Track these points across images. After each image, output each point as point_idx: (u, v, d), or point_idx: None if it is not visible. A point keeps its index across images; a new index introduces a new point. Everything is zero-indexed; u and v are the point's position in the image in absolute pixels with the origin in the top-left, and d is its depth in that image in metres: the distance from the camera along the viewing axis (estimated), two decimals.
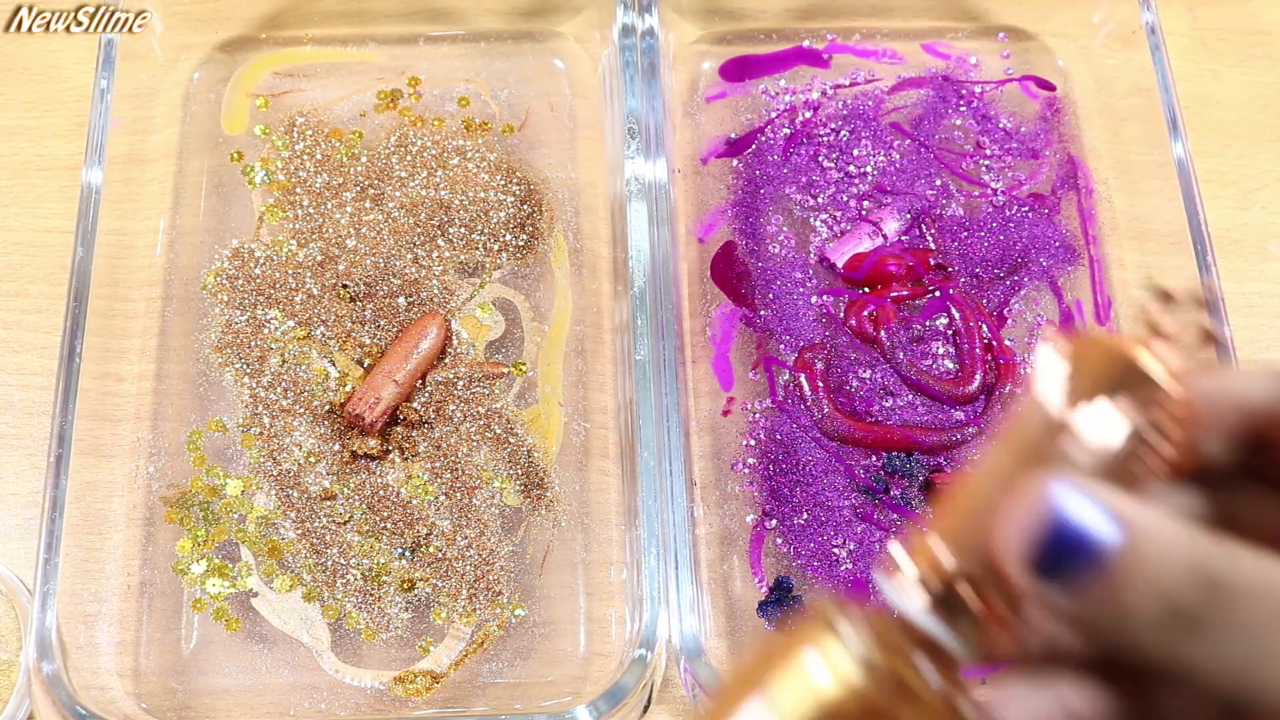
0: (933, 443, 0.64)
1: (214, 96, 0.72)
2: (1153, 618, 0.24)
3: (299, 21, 0.74)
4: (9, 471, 0.64)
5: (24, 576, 0.60)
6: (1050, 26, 0.76)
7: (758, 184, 0.71)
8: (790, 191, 0.71)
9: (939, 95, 0.74)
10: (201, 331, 0.66)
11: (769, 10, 0.76)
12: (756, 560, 0.62)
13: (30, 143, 0.71)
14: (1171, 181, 0.66)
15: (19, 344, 0.66)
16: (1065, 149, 0.73)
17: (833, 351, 0.66)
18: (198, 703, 0.59)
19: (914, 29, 0.76)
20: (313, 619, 0.60)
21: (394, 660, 0.60)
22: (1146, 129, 0.69)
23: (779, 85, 0.74)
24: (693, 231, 0.70)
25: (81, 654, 0.56)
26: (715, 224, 0.70)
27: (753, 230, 0.69)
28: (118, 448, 0.63)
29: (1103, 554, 0.24)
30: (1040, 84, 0.75)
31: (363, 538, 0.61)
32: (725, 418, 0.65)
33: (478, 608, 0.60)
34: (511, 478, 0.63)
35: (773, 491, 0.63)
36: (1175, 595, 0.24)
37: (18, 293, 0.67)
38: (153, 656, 0.59)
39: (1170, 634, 0.24)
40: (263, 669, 0.59)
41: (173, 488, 0.62)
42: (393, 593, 0.60)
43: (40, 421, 0.64)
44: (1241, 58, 0.77)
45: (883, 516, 0.63)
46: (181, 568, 0.61)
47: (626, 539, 0.60)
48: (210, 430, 0.64)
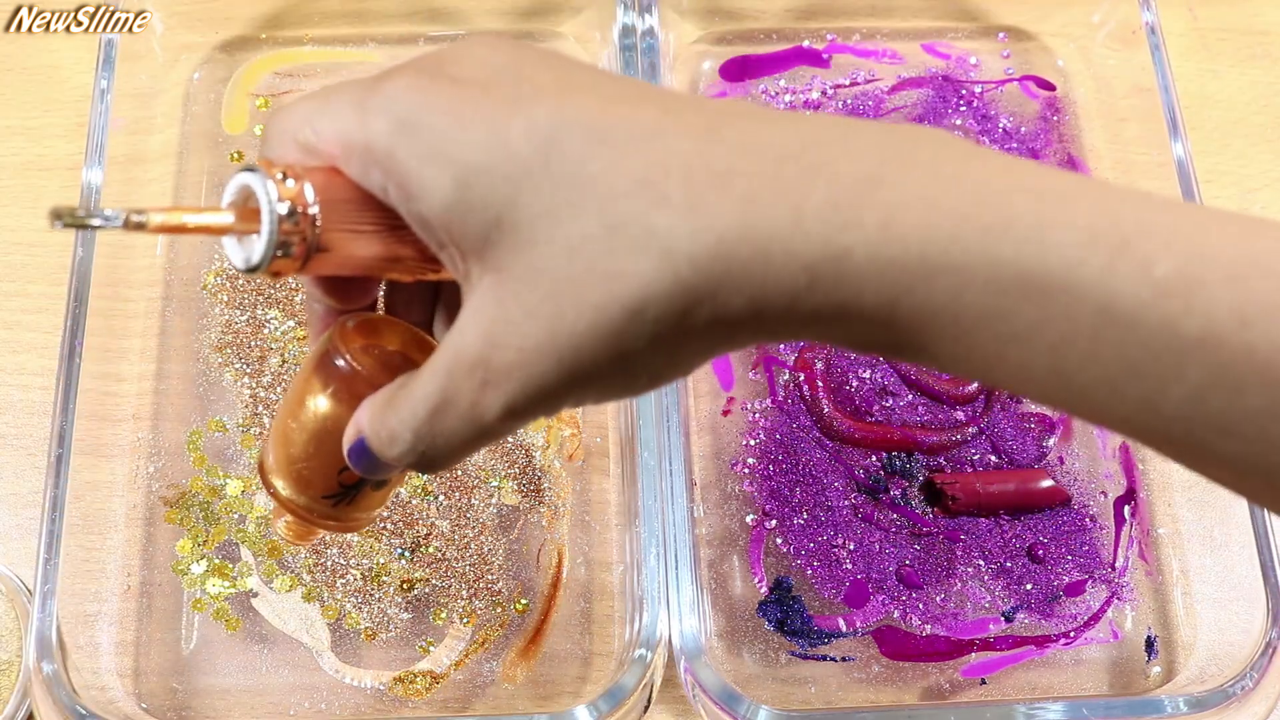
0: (933, 443, 0.64)
1: (214, 96, 0.72)
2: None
3: (299, 21, 0.74)
4: (9, 471, 0.64)
5: (24, 576, 0.60)
6: (1050, 26, 0.76)
7: None
8: None
9: (939, 95, 0.74)
10: (201, 331, 0.66)
11: (769, 10, 0.76)
12: (756, 560, 0.62)
13: (30, 143, 0.71)
14: (1171, 181, 0.66)
15: (19, 344, 0.66)
16: (1065, 149, 0.73)
17: (833, 351, 0.66)
18: (198, 703, 0.59)
19: (914, 29, 0.76)
20: (313, 619, 0.60)
21: (394, 660, 0.60)
22: (1146, 129, 0.69)
23: (779, 85, 0.74)
24: None
25: (81, 654, 0.56)
26: None
27: None
28: (118, 448, 0.63)
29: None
30: (1040, 84, 0.75)
31: (362, 538, 0.61)
32: (725, 418, 0.65)
33: (477, 607, 0.60)
34: (510, 477, 0.63)
35: (773, 491, 0.63)
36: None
37: (18, 293, 0.67)
38: (153, 656, 0.59)
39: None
40: (263, 669, 0.59)
41: (173, 488, 0.62)
42: (392, 593, 0.60)
43: (40, 421, 0.64)
44: (1241, 58, 0.77)
45: (883, 516, 0.63)
46: (181, 568, 0.61)
47: (626, 539, 0.60)
48: (210, 430, 0.64)
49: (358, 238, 0.32)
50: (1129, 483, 0.65)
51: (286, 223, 0.31)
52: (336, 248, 0.32)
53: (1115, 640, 0.61)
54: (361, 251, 0.33)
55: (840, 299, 0.29)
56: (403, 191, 0.30)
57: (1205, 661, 0.60)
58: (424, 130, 0.30)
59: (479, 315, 0.30)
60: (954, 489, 0.63)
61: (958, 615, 0.61)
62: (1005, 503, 0.63)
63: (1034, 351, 0.28)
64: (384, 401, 0.34)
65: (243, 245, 0.32)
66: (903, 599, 0.61)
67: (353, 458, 0.35)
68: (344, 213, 0.32)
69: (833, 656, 0.60)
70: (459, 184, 0.30)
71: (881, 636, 0.61)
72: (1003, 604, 0.61)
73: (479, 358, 0.30)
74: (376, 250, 0.33)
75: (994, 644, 0.61)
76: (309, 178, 0.31)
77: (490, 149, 0.29)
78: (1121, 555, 0.63)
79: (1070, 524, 0.63)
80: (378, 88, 0.31)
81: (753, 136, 0.29)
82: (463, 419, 0.32)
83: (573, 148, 0.29)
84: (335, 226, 0.32)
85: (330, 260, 0.32)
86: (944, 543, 0.62)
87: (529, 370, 0.30)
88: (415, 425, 0.33)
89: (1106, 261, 0.27)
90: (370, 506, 0.39)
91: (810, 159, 0.29)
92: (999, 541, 0.63)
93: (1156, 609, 0.62)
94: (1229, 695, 0.55)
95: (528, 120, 0.29)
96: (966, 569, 0.62)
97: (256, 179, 0.31)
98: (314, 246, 0.32)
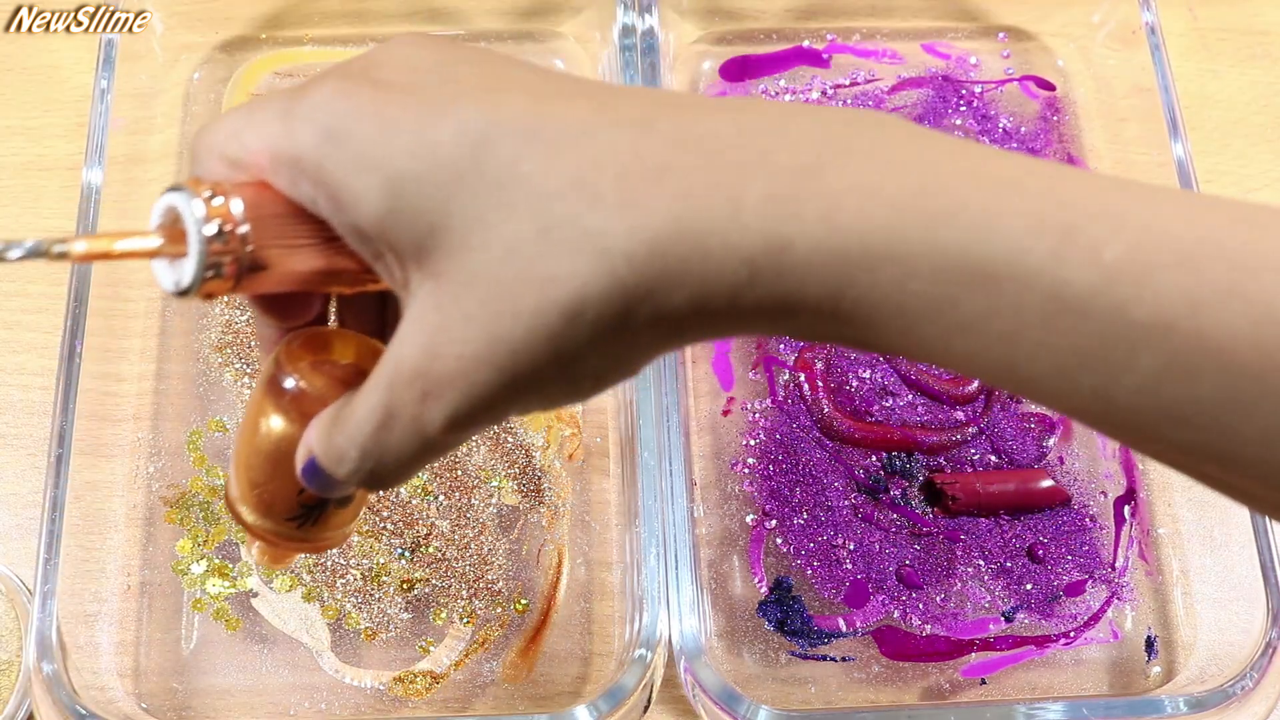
0: (933, 443, 0.64)
1: (214, 96, 0.72)
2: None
3: (299, 21, 0.74)
4: (9, 471, 0.64)
5: (24, 576, 0.60)
6: (1050, 26, 0.76)
7: None
8: None
9: (939, 95, 0.74)
10: (201, 331, 0.66)
11: (769, 10, 0.76)
12: (756, 560, 0.62)
13: (30, 143, 0.71)
14: (1171, 181, 0.66)
15: (19, 344, 0.66)
16: (1065, 149, 0.73)
17: (833, 351, 0.66)
18: (198, 703, 0.59)
19: (914, 29, 0.76)
20: (313, 619, 0.60)
21: (394, 660, 0.60)
22: (1146, 129, 0.69)
23: (779, 85, 0.74)
24: None
25: (81, 654, 0.56)
26: None
27: None
28: (118, 448, 0.63)
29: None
30: (1040, 84, 0.75)
31: (362, 538, 0.61)
32: (725, 418, 0.65)
33: (477, 607, 0.60)
34: (510, 477, 0.63)
35: (773, 491, 0.63)
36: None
37: (18, 293, 0.67)
38: (153, 656, 0.59)
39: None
40: (263, 669, 0.59)
41: (173, 488, 0.62)
42: (392, 593, 0.60)
43: (40, 421, 0.64)
44: (1241, 58, 0.77)
45: (883, 516, 0.63)
46: (181, 568, 0.61)
47: (626, 539, 0.60)
48: (210, 430, 0.64)
49: (292, 253, 0.31)
50: (1129, 483, 0.65)
51: (215, 243, 0.30)
52: (271, 265, 0.31)
53: (1115, 640, 0.61)
54: (297, 267, 0.32)
55: (783, 292, 0.28)
56: (333, 203, 0.30)
57: (1205, 661, 0.60)
58: (351, 139, 0.29)
59: (417, 324, 0.30)
60: (954, 489, 0.63)
61: (958, 615, 0.61)
62: (1005, 503, 0.63)
63: (983, 341, 0.28)
64: (330, 419, 0.33)
65: (174, 268, 0.31)
66: (903, 599, 0.61)
67: (306, 478, 0.34)
68: (276, 228, 0.31)
69: (833, 656, 0.60)
70: (390, 192, 0.29)
71: (881, 636, 0.61)
72: (1003, 604, 0.62)
73: (418, 368, 0.30)
74: (313, 264, 0.32)
75: (994, 644, 0.61)
76: (238, 194, 0.30)
77: (420, 154, 0.29)
78: (1121, 555, 0.63)
79: (1070, 524, 0.63)
80: (303, 96, 0.30)
81: (689, 128, 0.29)
82: (407, 433, 0.31)
83: (504, 148, 0.28)
84: (268, 243, 0.31)
85: (266, 278, 0.31)
86: (944, 543, 0.62)
87: (470, 379, 0.29)
88: (361, 442, 0.32)
89: (1055, 247, 0.26)
90: (339, 524, 0.38)
91: (748, 149, 0.28)
92: (999, 541, 0.63)
93: (1156, 609, 0.62)
94: (1229, 695, 0.55)
95: (457, 122, 0.29)
96: (966, 569, 0.62)
97: (182, 198, 0.30)
98: (246, 265, 0.30)
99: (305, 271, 0.32)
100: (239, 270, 0.31)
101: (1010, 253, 0.27)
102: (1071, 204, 0.27)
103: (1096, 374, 0.27)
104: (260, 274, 0.31)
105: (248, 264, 0.31)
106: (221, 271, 0.30)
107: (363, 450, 0.32)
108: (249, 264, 0.31)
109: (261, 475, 0.36)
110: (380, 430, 0.31)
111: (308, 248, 0.31)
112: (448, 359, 0.29)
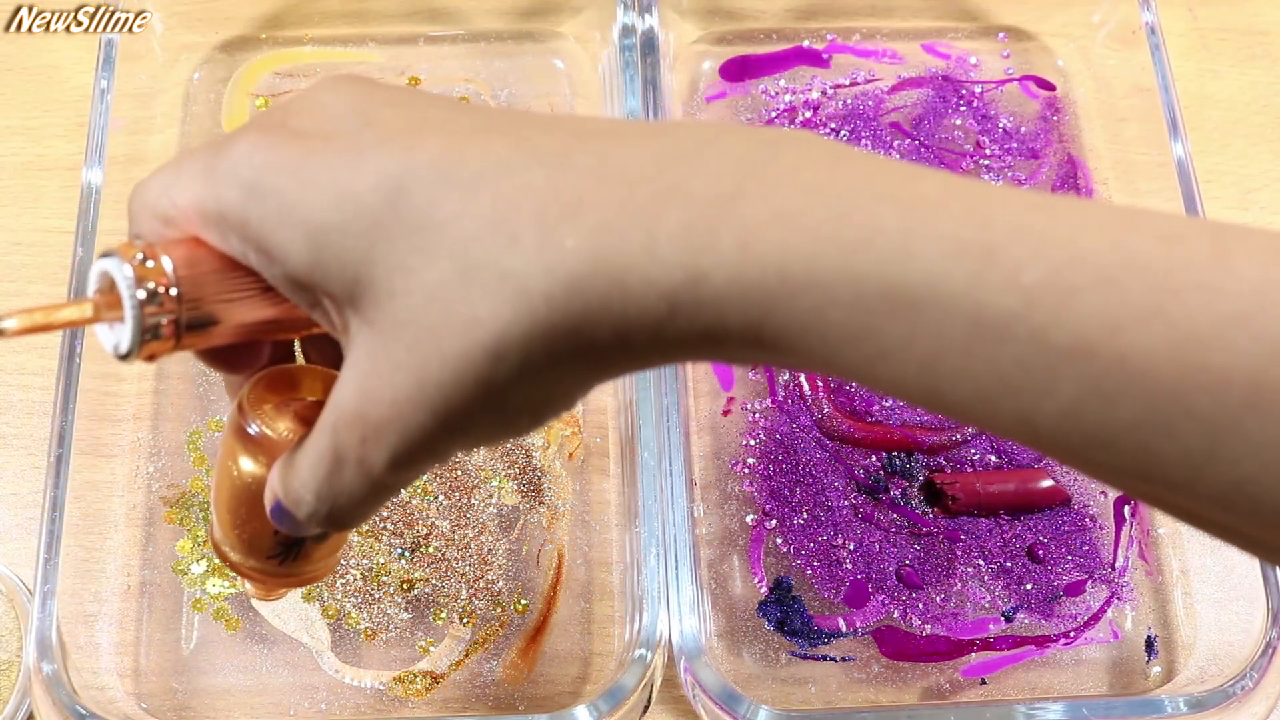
0: (933, 443, 0.64)
1: (214, 96, 0.72)
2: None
3: (299, 21, 0.74)
4: (9, 471, 0.64)
5: (24, 576, 0.60)
6: (1050, 26, 0.76)
7: None
8: None
9: (939, 95, 0.74)
10: None
11: (769, 10, 0.76)
12: (756, 560, 0.62)
13: (30, 143, 0.71)
14: (1171, 181, 0.66)
15: (19, 344, 0.66)
16: (1065, 149, 0.73)
17: None
18: (198, 703, 0.59)
19: (914, 29, 0.76)
20: (313, 619, 0.60)
21: (394, 660, 0.60)
22: (1146, 129, 0.69)
23: (779, 85, 0.74)
24: None
25: (81, 654, 0.56)
26: None
27: None
28: (118, 448, 0.63)
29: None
30: (1040, 84, 0.75)
31: (362, 538, 0.61)
32: (725, 418, 0.65)
33: (477, 608, 0.60)
34: (510, 477, 0.63)
35: (773, 491, 0.63)
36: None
37: (18, 293, 0.67)
38: (153, 656, 0.59)
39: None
40: (263, 669, 0.59)
41: (173, 488, 0.62)
42: (392, 593, 0.60)
43: (40, 421, 0.64)
44: (1241, 58, 0.77)
45: (883, 516, 0.63)
46: (181, 568, 0.61)
47: (626, 539, 0.60)
48: (210, 430, 0.64)
49: (232, 306, 0.31)
50: None
51: (149, 305, 0.30)
52: (212, 320, 0.31)
53: (1115, 640, 0.61)
54: (239, 318, 0.32)
55: (704, 324, 0.28)
56: (263, 256, 0.30)
57: (1205, 661, 0.60)
58: (272, 194, 0.29)
59: (354, 370, 0.30)
60: (954, 489, 0.63)
61: (958, 615, 0.61)
62: (1005, 503, 0.63)
63: (905, 368, 0.27)
64: (285, 463, 0.33)
65: (114, 331, 0.31)
66: (903, 599, 0.61)
67: (276, 519, 0.35)
68: (213, 283, 0.31)
69: (833, 656, 0.60)
70: (314, 245, 0.29)
71: (881, 636, 0.61)
72: (1003, 604, 0.62)
73: (357, 413, 0.30)
74: (255, 315, 0.32)
75: (994, 644, 0.61)
76: (171, 252, 0.31)
77: (339, 206, 0.29)
78: (1121, 555, 0.63)
79: (1070, 524, 0.63)
80: (224, 152, 0.30)
81: (606, 159, 0.28)
82: (355, 475, 0.31)
83: (421, 194, 0.28)
84: (207, 298, 0.31)
85: (210, 334, 0.31)
86: (944, 543, 0.62)
87: (405, 423, 0.29)
88: (315, 486, 0.32)
89: (974, 271, 0.26)
90: (323, 556, 0.38)
91: (664, 180, 0.28)
92: (999, 541, 0.63)
93: (1156, 609, 0.62)
94: (1229, 695, 0.55)
95: (374, 170, 0.29)
96: (966, 569, 0.62)
97: (114, 264, 0.30)
98: (185, 324, 0.31)
99: (248, 323, 0.32)
100: (178, 330, 0.31)
101: (929, 277, 0.26)
102: (993, 224, 0.26)
103: (1018, 399, 0.27)
104: (203, 330, 0.31)
105: (186, 323, 0.31)
106: (159, 333, 0.30)
107: (316, 494, 0.32)
108: (188, 323, 0.31)
109: (238, 517, 0.37)
110: (331, 474, 0.31)
111: (247, 299, 0.32)
112: (381, 404, 0.29)
